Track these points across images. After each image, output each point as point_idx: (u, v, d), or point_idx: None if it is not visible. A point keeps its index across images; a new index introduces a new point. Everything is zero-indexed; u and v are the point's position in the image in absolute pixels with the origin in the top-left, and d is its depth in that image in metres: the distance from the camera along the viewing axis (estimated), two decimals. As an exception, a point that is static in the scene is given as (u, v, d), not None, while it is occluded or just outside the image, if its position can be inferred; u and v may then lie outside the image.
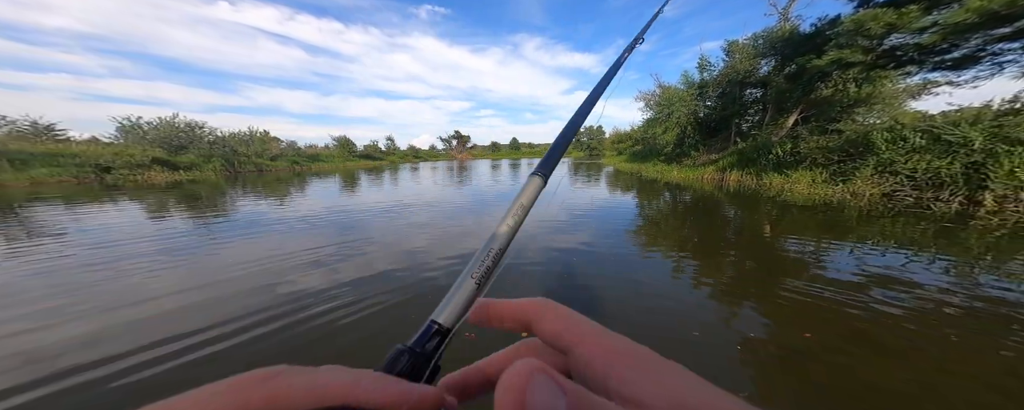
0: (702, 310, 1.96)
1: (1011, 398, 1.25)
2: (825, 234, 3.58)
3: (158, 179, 13.51)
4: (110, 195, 8.10)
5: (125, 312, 2.03)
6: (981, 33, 5.15)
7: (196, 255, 3.16)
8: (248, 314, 1.97)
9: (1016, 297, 2.00)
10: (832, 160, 6.73)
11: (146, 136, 17.99)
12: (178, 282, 2.47)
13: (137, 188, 10.03)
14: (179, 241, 3.64)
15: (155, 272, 2.69)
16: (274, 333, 1.78)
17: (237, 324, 1.86)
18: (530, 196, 0.23)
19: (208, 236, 3.92)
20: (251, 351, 1.63)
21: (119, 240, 3.68)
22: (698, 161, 11.71)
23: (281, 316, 1.95)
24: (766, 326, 1.74)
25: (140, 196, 7.99)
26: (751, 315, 1.86)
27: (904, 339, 1.63)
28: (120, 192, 8.83)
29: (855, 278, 2.33)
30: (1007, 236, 3.28)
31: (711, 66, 13.28)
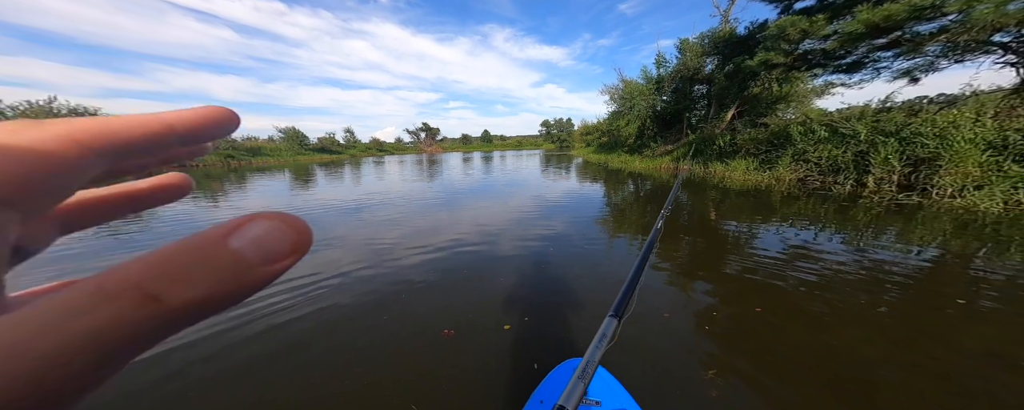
0: (669, 292, 2.12)
1: (895, 345, 1.55)
2: (757, 215, 4.13)
3: None
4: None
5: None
6: (866, 43, 6.25)
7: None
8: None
9: (890, 260, 2.52)
10: (761, 150, 7.78)
11: None
12: None
13: None
14: (71, 254, 2.90)
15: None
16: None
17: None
18: (611, 330, 0.33)
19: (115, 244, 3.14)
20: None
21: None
22: (657, 152, 12.69)
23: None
24: (724, 304, 1.94)
25: None
26: (710, 295, 2.06)
27: (818, 302, 1.94)
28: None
29: (782, 253, 2.73)
30: (883, 212, 4.10)
31: (667, 63, 14.27)
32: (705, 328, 1.67)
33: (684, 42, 13.01)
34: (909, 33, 5.65)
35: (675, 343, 1.56)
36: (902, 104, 6.62)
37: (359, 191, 7.29)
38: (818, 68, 7.78)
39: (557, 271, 2.43)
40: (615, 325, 0.32)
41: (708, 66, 12.33)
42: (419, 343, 1.60)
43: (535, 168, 13.01)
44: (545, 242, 3.13)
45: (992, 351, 1.44)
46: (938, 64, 6.16)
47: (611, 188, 7.16)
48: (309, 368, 1.46)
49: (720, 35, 11.35)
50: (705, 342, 1.56)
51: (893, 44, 6.06)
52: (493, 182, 8.54)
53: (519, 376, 1.35)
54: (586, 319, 1.79)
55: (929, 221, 3.58)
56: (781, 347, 1.52)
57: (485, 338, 1.61)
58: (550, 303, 1.96)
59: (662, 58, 14.29)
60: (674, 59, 13.79)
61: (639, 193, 6.46)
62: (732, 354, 1.47)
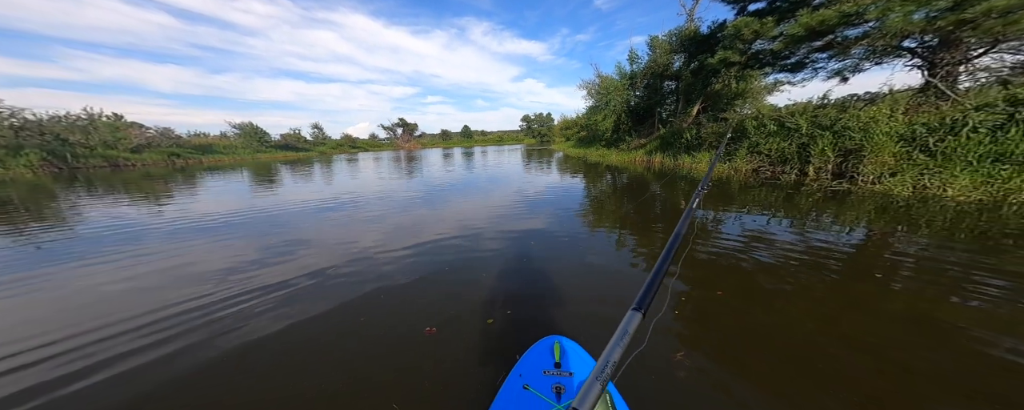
0: (641, 279, 2.26)
1: (832, 317, 1.77)
2: (719, 203, 4.49)
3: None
4: None
5: None
6: (806, 45, 6.95)
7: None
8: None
9: (827, 241, 2.88)
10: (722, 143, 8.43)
11: None
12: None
13: None
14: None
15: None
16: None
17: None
18: (631, 325, 0.29)
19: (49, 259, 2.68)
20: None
21: None
22: (631, 146, 13.25)
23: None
24: (691, 288, 2.11)
25: None
26: (679, 280, 2.23)
27: (771, 282, 2.17)
28: None
29: (740, 239, 3.01)
30: (821, 198, 4.65)
31: (639, 59, 14.81)
32: (675, 312, 1.80)
33: (655, 39, 13.55)
34: (840, 37, 6.37)
35: (646, 328, 1.66)
36: (836, 101, 7.49)
37: (331, 190, 6.87)
38: (768, 67, 8.53)
39: (539, 264, 2.49)
40: (638, 320, 0.29)
41: (676, 63, 12.99)
42: (400, 342, 1.58)
43: (516, 163, 13.02)
44: (526, 236, 3.18)
45: (905, 317, 1.71)
46: (862, 66, 7.06)
47: (589, 181, 7.40)
48: (286, 371, 1.40)
49: (686, 33, 11.98)
50: (674, 326, 1.70)
51: (827, 47, 6.80)
52: (474, 178, 8.41)
53: (503, 368, 1.38)
54: (568, 309, 1.87)
55: (856, 205, 4.12)
56: (741, 326, 1.68)
57: (468, 334, 1.62)
58: (533, 295, 2.00)
59: (635, 54, 14.80)
60: (646, 56, 14.37)
61: (616, 185, 6.74)
62: (698, 335, 1.61)
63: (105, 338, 1.70)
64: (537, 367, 1.01)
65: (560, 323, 1.71)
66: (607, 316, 1.78)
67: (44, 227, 4.15)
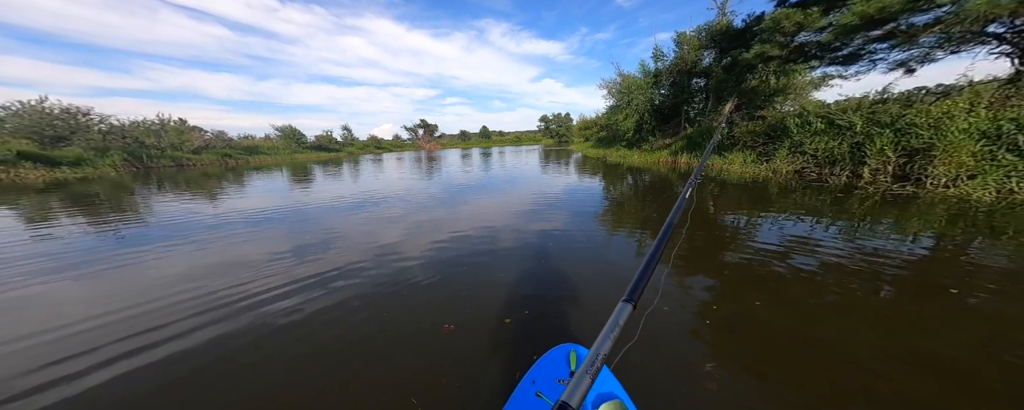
0: (667, 286, 2.13)
1: (889, 335, 1.59)
2: (755, 207, 4.17)
3: (34, 177, 10.62)
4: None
5: None
6: (861, 34, 6.26)
7: (104, 269, 2.53)
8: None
9: (885, 250, 2.57)
10: (758, 143, 7.82)
11: (4, 125, 13.58)
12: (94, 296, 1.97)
13: (1, 189, 7.73)
14: (73, 254, 2.88)
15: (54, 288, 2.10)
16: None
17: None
18: (622, 317, 0.29)
19: (128, 246, 3.15)
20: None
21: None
22: (655, 146, 12.70)
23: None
24: (723, 297, 1.96)
25: (11, 199, 6.08)
26: (709, 288, 2.08)
27: (815, 294, 1.99)
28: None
29: (779, 245, 2.77)
30: (878, 202, 4.15)
31: (664, 56, 14.21)
32: (706, 322, 1.68)
33: (681, 35, 12.93)
34: (904, 24, 5.66)
35: (674, 336, 1.57)
36: (899, 95, 6.65)
37: (358, 189, 7.25)
38: (814, 60, 7.79)
39: (557, 265, 2.45)
40: (628, 311, 0.28)
41: (706, 59, 12.28)
42: (419, 338, 1.60)
43: (534, 164, 12.99)
44: (545, 237, 3.14)
45: (984, 340, 1.48)
46: (934, 55, 6.20)
47: (610, 182, 7.19)
48: (307, 364, 1.46)
49: (717, 28, 11.30)
50: (705, 335, 1.59)
51: (888, 36, 6.07)
52: (492, 179, 8.52)
53: (519, 368, 1.34)
54: (585, 311, 1.81)
55: (923, 211, 3.63)
56: (779, 339, 1.54)
57: (486, 332, 1.62)
58: (550, 296, 1.97)
59: (660, 52, 14.21)
60: (672, 53, 13.73)
61: (637, 187, 6.49)
62: (731, 347, 1.49)
63: (156, 312, 1.94)
64: (551, 375, 0.97)
65: (577, 327, 1.66)
66: (625, 323, 1.72)
67: (123, 218, 4.78)
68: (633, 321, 0.29)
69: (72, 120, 14.74)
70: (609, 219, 3.95)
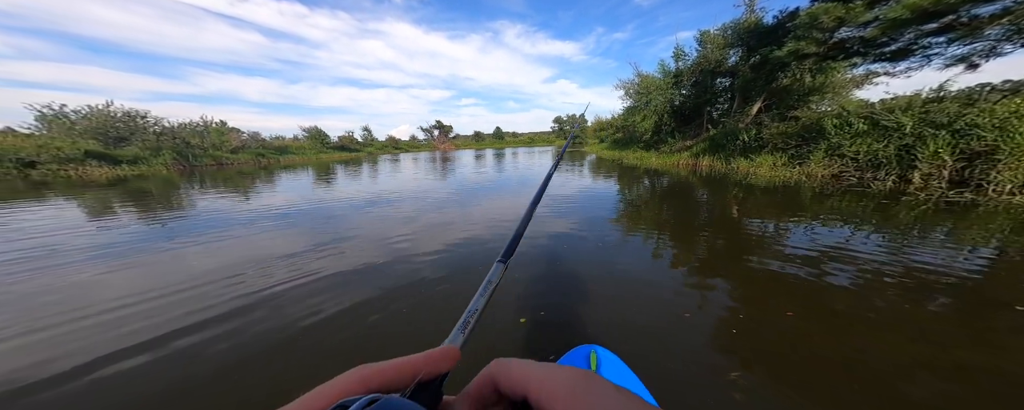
0: (687, 291, 2.05)
1: (939, 354, 1.46)
2: (785, 213, 3.92)
3: (96, 174, 11.79)
4: (42, 193, 6.97)
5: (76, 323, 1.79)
6: (913, 28, 5.74)
7: (161, 253, 2.83)
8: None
9: (937, 262, 2.34)
10: (790, 145, 7.35)
11: (75, 127, 15.46)
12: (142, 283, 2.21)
13: (70, 185, 8.75)
14: (131, 241, 3.24)
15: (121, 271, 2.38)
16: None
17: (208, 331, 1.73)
18: (496, 276, 0.31)
19: (178, 235, 3.51)
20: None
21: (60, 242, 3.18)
22: (674, 148, 12.26)
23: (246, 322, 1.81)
24: (750, 305, 1.86)
25: (81, 194, 6.93)
26: (734, 296, 1.97)
27: (853, 306, 1.83)
28: (53, 189, 7.63)
29: (813, 253, 2.58)
30: (930, 210, 3.78)
31: (686, 55, 13.71)
32: (731, 330, 1.60)
33: (705, 34, 12.45)
34: (966, 16, 5.13)
35: (696, 343, 1.52)
36: (957, 93, 6.01)
37: (377, 188, 7.50)
38: (857, 57, 7.22)
39: (571, 268, 2.42)
40: (502, 270, 0.31)
41: (731, 58, 11.73)
42: (437, 333, 1.64)
43: (547, 165, 12.95)
44: (558, 239, 3.12)
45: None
46: (1001, 49, 5.55)
47: (625, 185, 7.03)
48: (324, 357, 1.52)
49: (745, 25, 10.76)
50: (730, 343, 1.51)
51: (946, 29, 5.52)
52: (506, 180, 8.60)
53: None
54: (600, 313, 1.79)
55: (984, 220, 3.27)
56: (813, 351, 1.44)
57: (501, 331, 1.63)
58: (564, 298, 1.96)
59: (681, 51, 13.74)
60: (694, 51, 13.24)
61: (655, 190, 6.29)
62: (760, 356, 1.42)
63: (188, 297, 2.14)
64: None
65: (591, 328, 1.64)
66: (641, 326, 1.65)
67: (171, 211, 5.26)
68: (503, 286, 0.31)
69: (132, 122, 16.51)
70: (625, 222, 3.86)
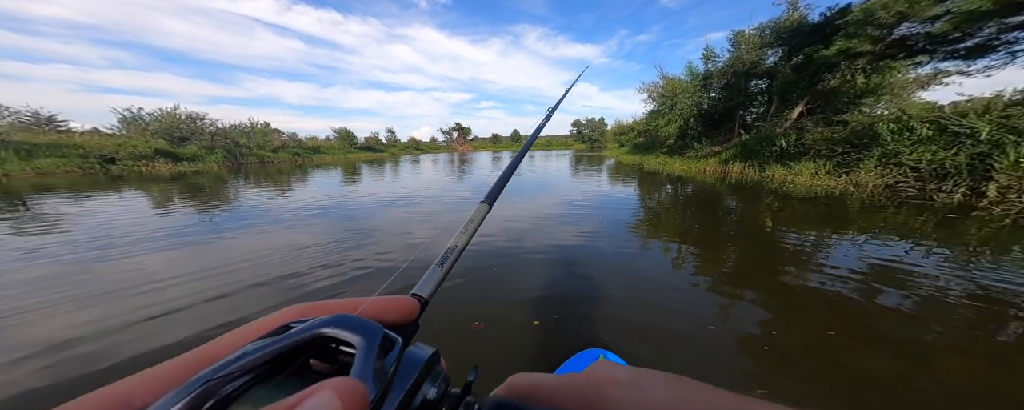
0: (711, 302, 1.95)
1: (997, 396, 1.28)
2: (826, 225, 3.59)
3: (162, 170, 13.46)
4: (118, 185, 8.07)
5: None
6: (995, 21, 5.03)
7: (211, 242, 3.22)
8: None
9: (1014, 283, 2.04)
10: (836, 151, 6.69)
11: (148, 127, 17.88)
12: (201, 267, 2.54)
13: (142, 179, 10.02)
14: (194, 230, 3.72)
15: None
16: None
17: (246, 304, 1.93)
18: (478, 216, 0.29)
19: (219, 226, 3.98)
20: None
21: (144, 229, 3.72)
22: (701, 153, 11.64)
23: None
24: (785, 322, 1.72)
25: (149, 187, 7.95)
26: (767, 310, 1.84)
27: (908, 330, 1.64)
28: (128, 182, 8.80)
29: (860, 270, 2.34)
30: (1008, 227, 3.29)
31: (716, 57, 13.03)
32: (763, 348, 1.49)
33: (739, 34, 11.76)
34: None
35: (720, 357, 1.43)
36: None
37: (397, 187, 7.83)
38: (922, 55, 6.45)
39: (587, 272, 2.38)
40: (486, 210, 0.30)
41: (770, 59, 10.96)
42: (452, 332, 1.66)
43: (565, 169, 12.84)
44: (575, 244, 3.06)
45: None
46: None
47: (646, 191, 6.78)
48: None
49: (786, 24, 10.03)
50: (760, 360, 1.41)
51: (1038, 20, 4.78)
52: (522, 183, 8.65)
53: (547, 369, 1.37)
54: (615, 318, 1.75)
55: (1084, 241, 2.78)
56: (853, 376, 1.31)
57: (515, 332, 1.64)
58: (579, 303, 1.94)
59: (711, 52, 13.08)
60: (726, 53, 12.55)
61: (678, 197, 6.01)
62: (795, 377, 1.32)
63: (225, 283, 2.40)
64: None
65: (605, 333, 1.61)
66: (659, 335, 1.59)
67: (219, 204, 5.90)
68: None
69: (193, 124, 18.80)
70: (645, 229, 3.72)
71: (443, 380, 0.17)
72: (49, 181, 9.00)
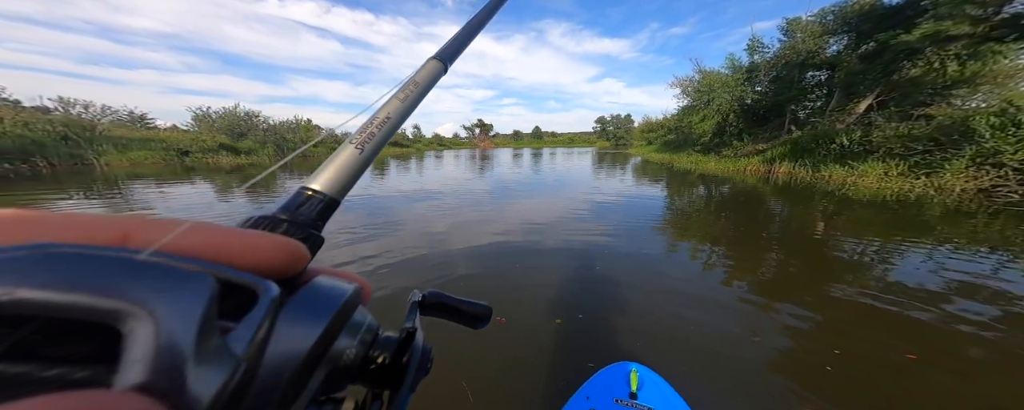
0: (752, 312, 1.76)
1: None
2: (896, 233, 3.09)
3: (224, 162, 15.38)
4: (190, 175, 9.28)
5: None
6: None
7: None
8: None
9: None
10: (914, 150, 5.74)
11: (215, 124, 20.57)
12: None
13: (209, 170, 11.51)
14: None
15: None
16: None
17: None
18: (426, 77, 0.21)
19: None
20: None
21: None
22: (741, 151, 10.66)
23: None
24: (857, 341, 1.49)
25: (213, 176, 9.21)
26: (819, 325, 1.62)
27: (1004, 358, 1.37)
28: (197, 173, 10.11)
29: (941, 286, 1.98)
30: None
31: (764, 47, 11.81)
32: (827, 368, 1.31)
33: (794, 21, 10.56)
34: None
35: (767, 374, 1.29)
36: None
37: (422, 183, 7.98)
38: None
39: (610, 274, 2.27)
40: (440, 71, 0.22)
41: (832, 47, 9.71)
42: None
43: (586, 167, 12.48)
44: (597, 245, 2.91)
45: None
46: None
47: (676, 192, 6.26)
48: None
49: (853, 8, 8.78)
50: (818, 381, 1.24)
51: None
52: (540, 181, 8.52)
53: (567, 370, 1.31)
54: (639, 322, 1.66)
55: None
56: (939, 406, 1.12)
57: (537, 330, 1.59)
58: (602, 304, 1.86)
59: (758, 43, 11.89)
60: (776, 43, 11.33)
61: (711, 199, 5.49)
62: (859, 402, 1.14)
63: None
64: (608, 393, 0.88)
65: (629, 336, 1.52)
66: (694, 345, 1.46)
67: (270, 194, 6.66)
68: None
69: (249, 121, 21.44)
70: (673, 231, 3.47)
71: (367, 328, 0.11)
72: (139, 170, 10.61)
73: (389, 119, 0.18)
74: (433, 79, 0.21)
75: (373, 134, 0.17)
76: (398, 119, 0.18)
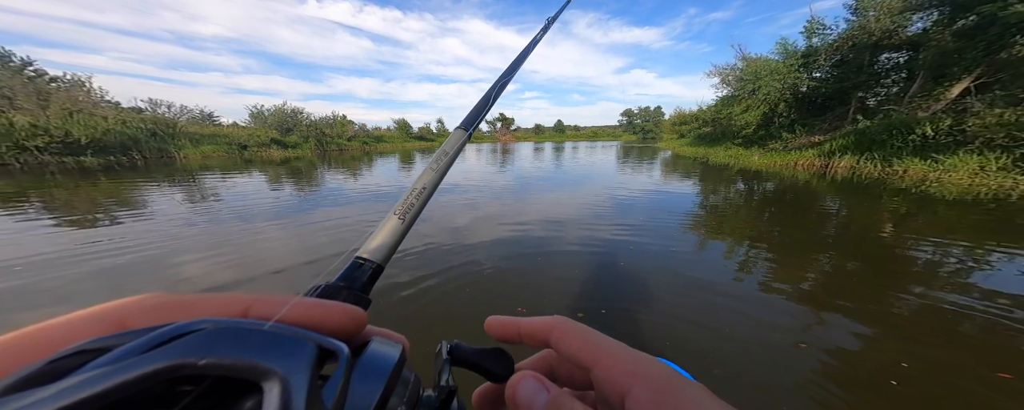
0: (799, 315, 1.62)
1: None
2: (989, 237, 2.61)
3: (275, 155, 17.27)
4: (248, 167, 10.43)
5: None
6: None
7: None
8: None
9: None
10: (1022, 140, 4.75)
11: (267, 121, 23.25)
12: None
13: (263, 162, 12.95)
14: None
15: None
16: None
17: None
18: (453, 145, 0.23)
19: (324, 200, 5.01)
20: None
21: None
22: (791, 144, 9.58)
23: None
24: (931, 360, 1.32)
25: (266, 168, 10.30)
26: (894, 337, 1.44)
27: None
28: (254, 165, 11.43)
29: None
30: None
31: (826, 29, 10.37)
32: (889, 382, 1.19)
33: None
34: None
35: (816, 385, 1.17)
36: None
37: (448, 176, 8.53)
38: None
39: (634, 272, 2.19)
40: (464, 139, 0.24)
41: (915, 24, 8.27)
42: (495, 314, 1.77)
43: (610, 162, 12.00)
44: (621, 242, 2.82)
45: None
46: None
47: (712, 190, 5.73)
48: (404, 322, 1.57)
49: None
50: (880, 396, 1.12)
51: None
52: (562, 175, 8.36)
53: None
54: (663, 319, 1.61)
55: None
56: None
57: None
58: (627, 300, 1.82)
59: (817, 24, 10.46)
60: (842, 23, 9.90)
61: (752, 197, 4.94)
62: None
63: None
64: None
65: (664, 337, 1.46)
66: (732, 347, 1.37)
67: (313, 185, 6.98)
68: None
69: (295, 117, 23.76)
70: (699, 232, 3.20)
71: (412, 387, 0.12)
72: (208, 162, 12.23)
73: (425, 189, 0.20)
74: (460, 146, 0.24)
75: (412, 205, 0.19)
76: (432, 188, 0.20)
